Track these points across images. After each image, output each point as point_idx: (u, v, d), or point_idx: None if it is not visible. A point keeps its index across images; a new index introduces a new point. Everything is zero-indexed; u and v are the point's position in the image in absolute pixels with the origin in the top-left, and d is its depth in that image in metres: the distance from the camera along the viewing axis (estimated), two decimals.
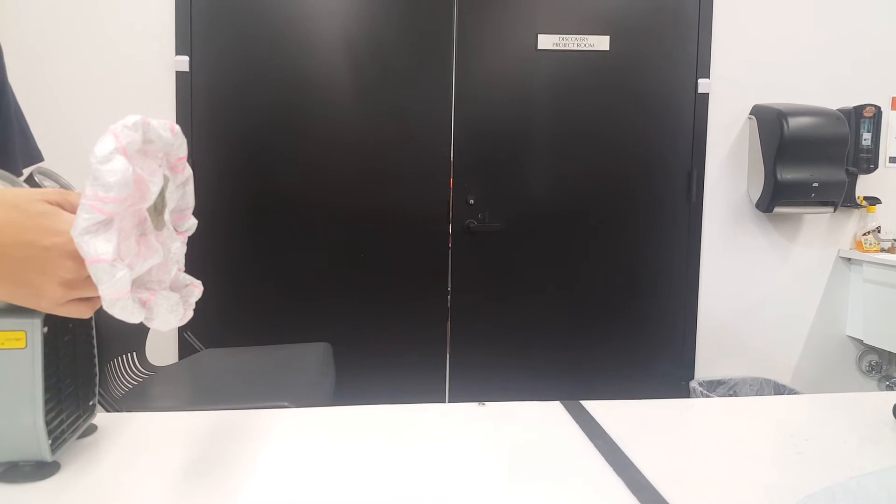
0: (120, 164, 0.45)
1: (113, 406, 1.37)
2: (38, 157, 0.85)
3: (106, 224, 0.46)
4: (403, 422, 0.74)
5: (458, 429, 0.72)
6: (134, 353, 1.66)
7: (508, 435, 0.70)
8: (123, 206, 0.47)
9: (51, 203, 0.48)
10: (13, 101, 0.81)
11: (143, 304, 0.50)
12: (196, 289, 0.59)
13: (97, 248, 0.45)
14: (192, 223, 0.60)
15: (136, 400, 1.49)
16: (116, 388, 1.50)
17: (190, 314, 0.56)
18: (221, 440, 0.67)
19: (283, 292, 2.41)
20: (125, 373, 1.59)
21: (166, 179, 0.55)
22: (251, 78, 2.34)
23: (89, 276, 0.49)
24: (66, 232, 0.47)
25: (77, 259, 0.47)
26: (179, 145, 0.55)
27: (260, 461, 0.62)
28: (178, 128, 0.54)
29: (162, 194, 0.55)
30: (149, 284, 0.54)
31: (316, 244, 2.41)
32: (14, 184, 0.58)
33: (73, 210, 0.49)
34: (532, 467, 0.62)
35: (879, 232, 2.64)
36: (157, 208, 0.55)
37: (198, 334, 2.02)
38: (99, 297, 0.52)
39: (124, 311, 0.48)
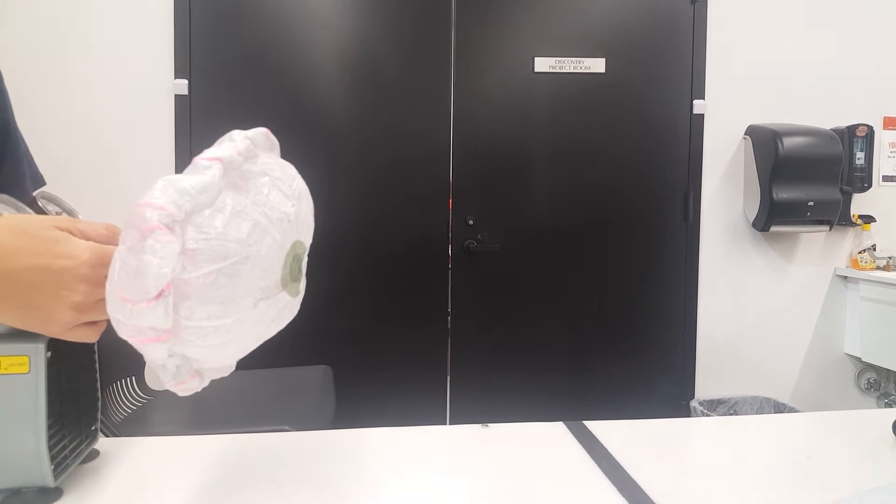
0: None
1: (113, 431, 1.37)
2: (41, 181, 0.86)
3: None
4: (405, 444, 0.74)
5: (462, 451, 0.72)
6: (133, 378, 1.66)
7: (512, 456, 0.70)
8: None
9: (61, 230, 0.49)
10: (13, 122, 0.82)
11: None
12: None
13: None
14: None
15: (137, 424, 1.48)
16: (116, 413, 1.49)
17: (204, 384, 0.54)
18: (222, 465, 0.67)
19: None
20: (125, 397, 1.58)
21: (300, 245, 0.51)
22: (250, 101, 2.36)
23: (99, 300, 0.49)
24: (77, 256, 0.48)
25: (88, 282, 0.48)
26: (272, 145, 0.52)
27: (261, 486, 0.62)
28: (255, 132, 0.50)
29: (298, 261, 0.52)
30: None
31: (315, 265, 2.41)
32: (21, 210, 0.58)
33: (81, 236, 0.50)
34: (536, 488, 0.62)
35: (875, 250, 2.65)
36: (294, 275, 0.51)
37: None
38: (105, 321, 0.52)
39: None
